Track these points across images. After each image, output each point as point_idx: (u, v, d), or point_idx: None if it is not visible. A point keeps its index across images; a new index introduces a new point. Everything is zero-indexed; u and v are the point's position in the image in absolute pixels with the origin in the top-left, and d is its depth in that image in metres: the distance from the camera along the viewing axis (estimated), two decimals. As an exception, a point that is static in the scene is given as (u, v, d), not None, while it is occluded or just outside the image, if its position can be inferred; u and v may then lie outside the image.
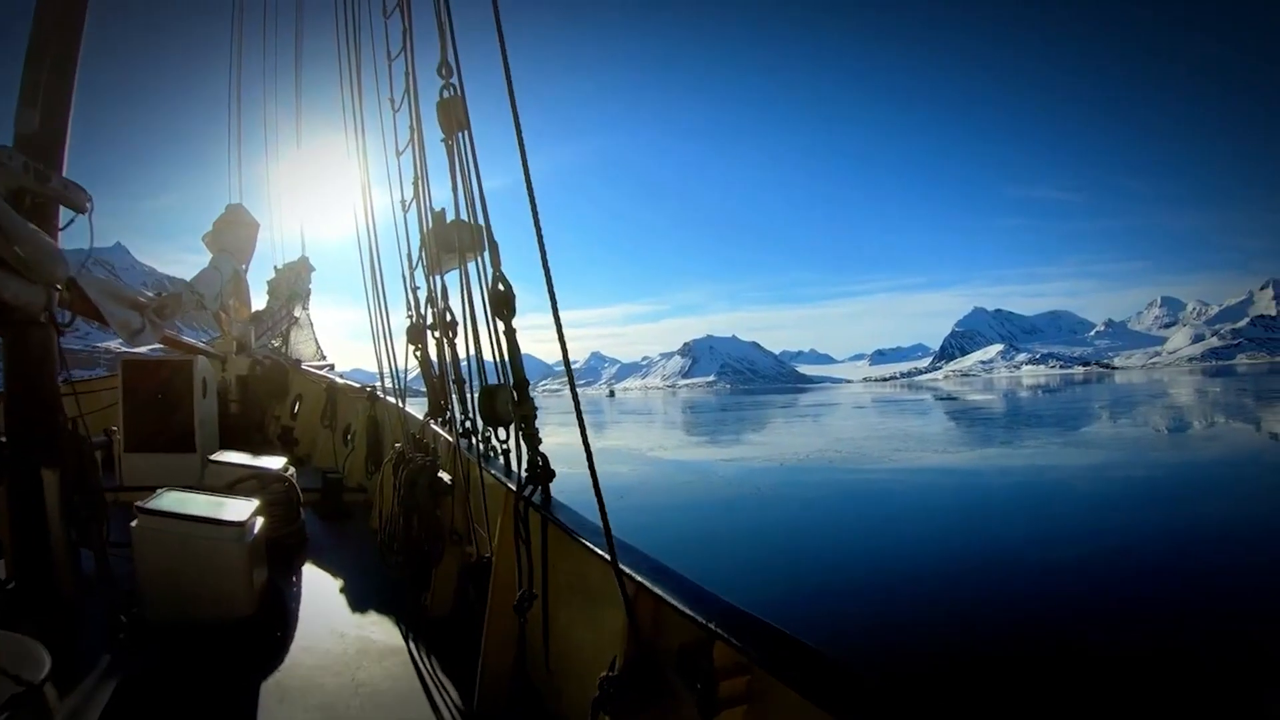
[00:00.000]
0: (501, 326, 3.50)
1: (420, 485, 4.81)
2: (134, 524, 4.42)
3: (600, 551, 2.62)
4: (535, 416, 3.45)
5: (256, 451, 7.64)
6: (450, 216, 4.13)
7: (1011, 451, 36.24)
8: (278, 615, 4.79)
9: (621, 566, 2.48)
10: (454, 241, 4.10)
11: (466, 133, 3.77)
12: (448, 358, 4.85)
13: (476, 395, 4.00)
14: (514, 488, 3.48)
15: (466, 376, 4.62)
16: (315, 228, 13.58)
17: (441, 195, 4.32)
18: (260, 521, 4.95)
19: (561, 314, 2.89)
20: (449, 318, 4.81)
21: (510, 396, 3.53)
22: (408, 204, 5.08)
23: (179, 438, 8.44)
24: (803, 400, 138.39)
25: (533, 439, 3.41)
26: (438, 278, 4.85)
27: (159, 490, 4.80)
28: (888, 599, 13.23)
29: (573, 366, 3.06)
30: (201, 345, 10.22)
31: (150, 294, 7.06)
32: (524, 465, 3.42)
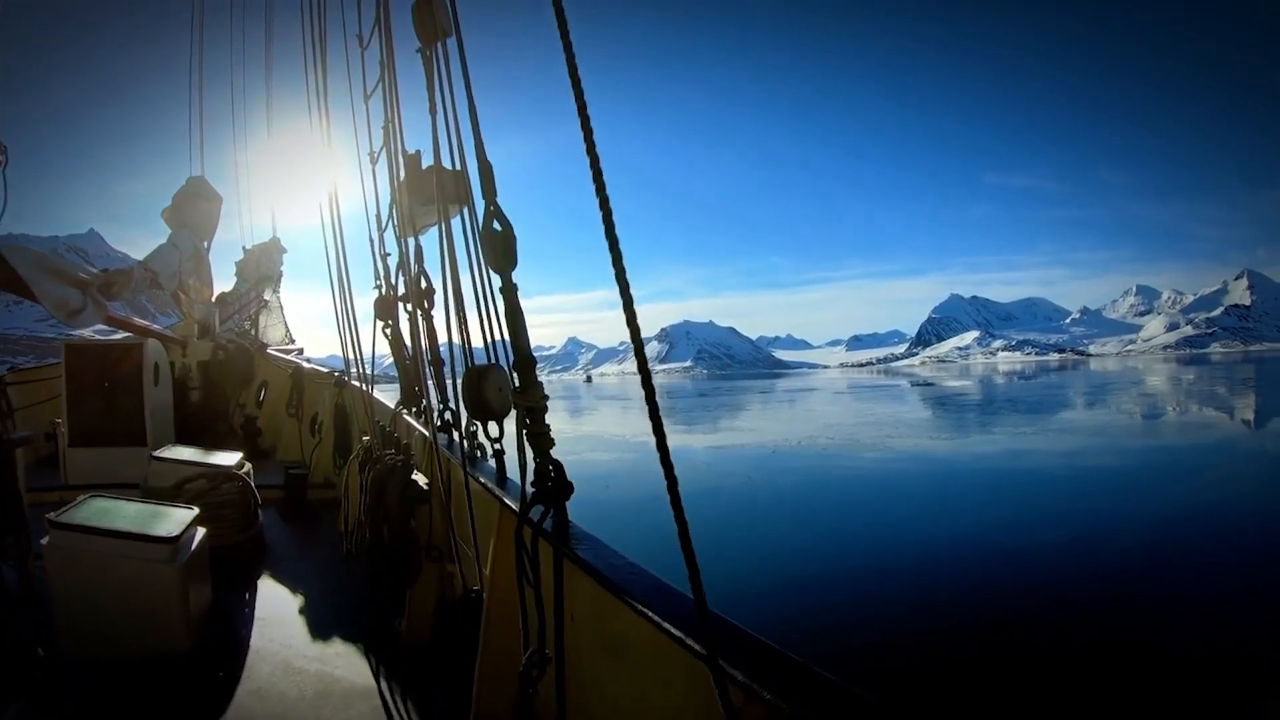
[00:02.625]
0: (498, 282, 2.58)
1: (391, 491, 4.06)
2: (45, 541, 3.73)
3: (669, 626, 1.74)
4: (545, 408, 2.55)
5: (217, 443, 7.02)
6: (428, 160, 3.41)
7: (1010, 438, 36.57)
8: (222, 648, 4.00)
9: (727, 668, 1.50)
10: (431, 191, 3.36)
11: (455, 40, 2.97)
12: (423, 333, 4.17)
13: (459, 379, 3.10)
14: (511, 504, 2.72)
15: (449, 357, 3.83)
16: (288, 212, 12.93)
17: (419, 140, 3.68)
18: (201, 534, 4.19)
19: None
20: (424, 284, 4.12)
21: (507, 380, 2.70)
22: (376, 155, 4.38)
23: (128, 430, 7.63)
24: (780, 385, 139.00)
25: (541, 440, 2.50)
26: (411, 240, 4.16)
27: (82, 498, 4.06)
28: (893, 587, 13.12)
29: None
30: (156, 328, 9.46)
31: (95, 270, 6.44)
32: (530, 476, 2.53)
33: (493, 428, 2.99)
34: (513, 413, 2.68)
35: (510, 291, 2.58)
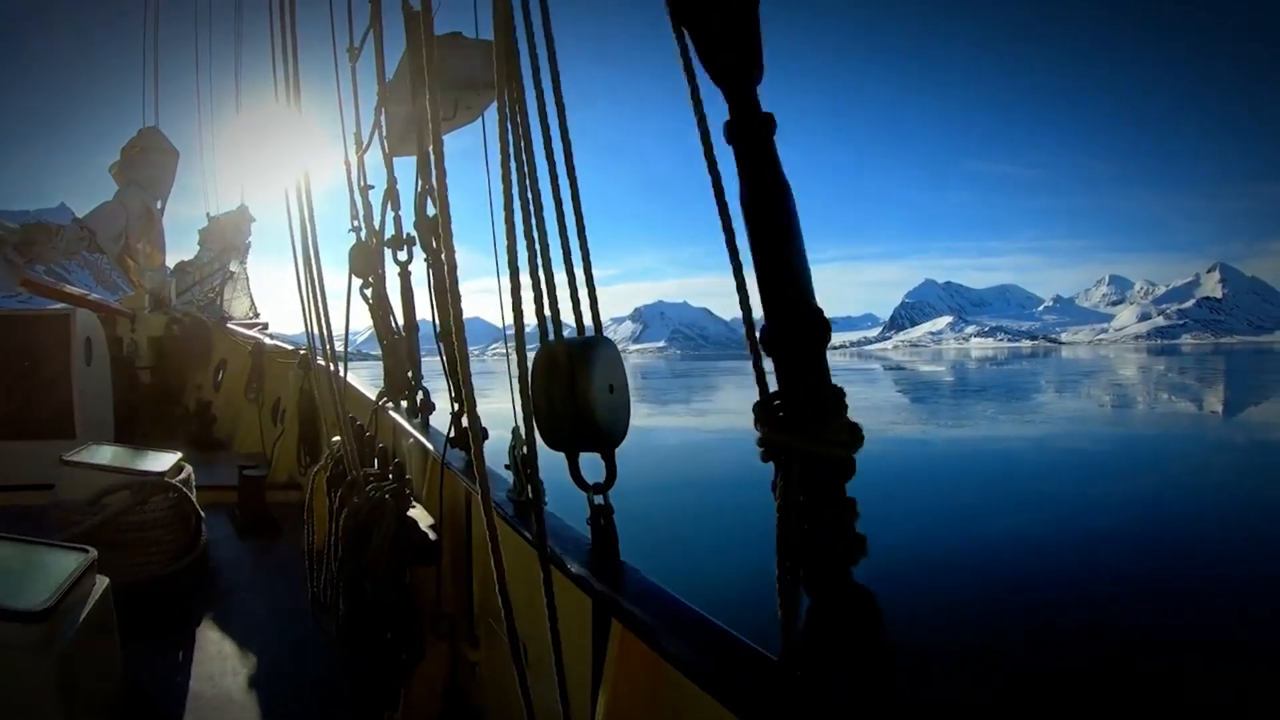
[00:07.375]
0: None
1: (378, 540, 2.66)
2: None
3: None
4: (854, 463, 1.00)
5: (167, 434, 5.93)
6: (442, 26, 2.12)
7: (1020, 425, 37.44)
8: None
9: None
10: (447, 71, 2.19)
11: None
12: (431, 287, 2.72)
13: (530, 370, 1.56)
14: (685, 675, 1.35)
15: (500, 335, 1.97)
16: (259, 184, 12.10)
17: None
18: (101, 586, 2.69)
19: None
20: (430, 214, 2.66)
21: (621, 367, 1.57)
22: (359, 47, 3.13)
23: (52, 420, 6.26)
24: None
25: (844, 538, 0.98)
26: (411, 157, 2.74)
27: None
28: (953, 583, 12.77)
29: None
30: (93, 297, 8.15)
31: (12, 225, 5.38)
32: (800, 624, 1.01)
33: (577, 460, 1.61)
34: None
35: (763, 130, 1.07)
